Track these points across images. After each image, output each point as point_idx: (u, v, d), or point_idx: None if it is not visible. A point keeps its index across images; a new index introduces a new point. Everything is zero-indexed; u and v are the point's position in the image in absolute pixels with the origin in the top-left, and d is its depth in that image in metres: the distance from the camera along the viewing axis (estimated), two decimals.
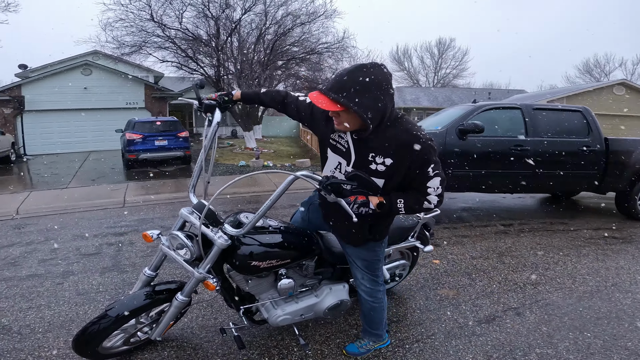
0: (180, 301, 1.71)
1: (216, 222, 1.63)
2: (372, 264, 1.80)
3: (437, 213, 2.43)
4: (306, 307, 1.97)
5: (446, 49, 38.05)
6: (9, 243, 4.01)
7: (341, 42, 13.24)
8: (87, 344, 1.71)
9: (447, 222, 4.81)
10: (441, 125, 4.76)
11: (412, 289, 2.93)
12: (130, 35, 11.10)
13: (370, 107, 1.21)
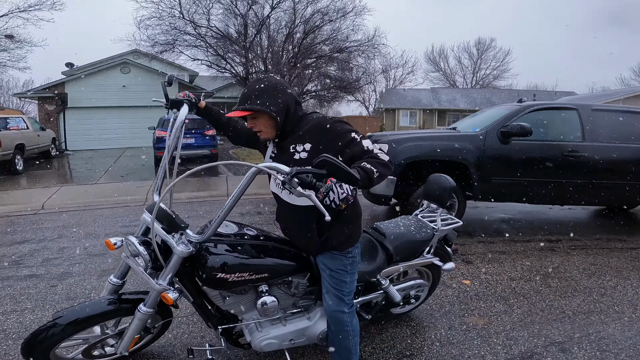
0: (143, 313, 1.55)
1: (176, 227, 1.46)
2: (337, 276, 1.57)
3: (458, 224, 2.16)
4: (296, 330, 1.74)
5: (486, 49, 36.91)
6: (22, 239, 4.00)
7: (372, 40, 12.80)
8: (34, 350, 1.54)
9: (482, 235, 4.29)
10: (480, 126, 4.30)
11: (433, 314, 2.54)
12: (163, 33, 11.32)
13: (272, 103, 1.37)
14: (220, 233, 1.54)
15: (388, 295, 1.99)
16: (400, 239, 1.97)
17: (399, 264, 2.03)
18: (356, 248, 1.62)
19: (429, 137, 4.19)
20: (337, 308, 1.59)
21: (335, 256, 1.56)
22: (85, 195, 6.33)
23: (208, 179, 7.85)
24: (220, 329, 1.65)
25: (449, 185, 2.11)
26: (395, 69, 33.13)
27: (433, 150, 4.00)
